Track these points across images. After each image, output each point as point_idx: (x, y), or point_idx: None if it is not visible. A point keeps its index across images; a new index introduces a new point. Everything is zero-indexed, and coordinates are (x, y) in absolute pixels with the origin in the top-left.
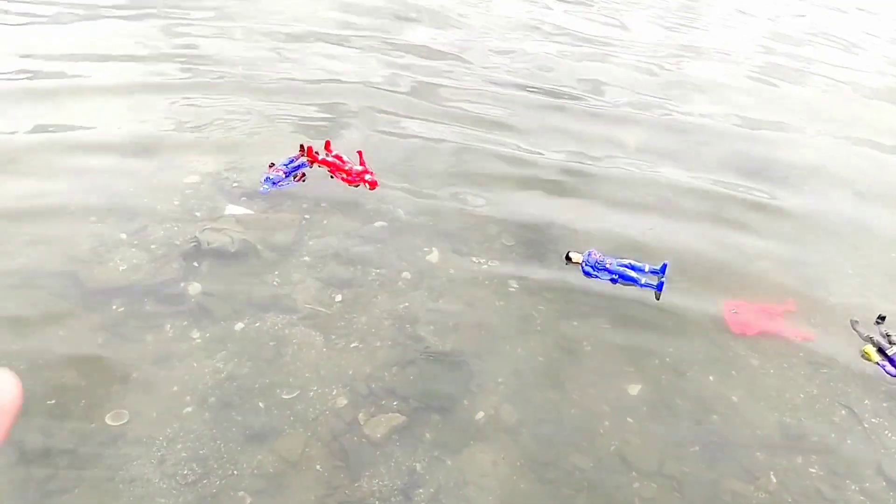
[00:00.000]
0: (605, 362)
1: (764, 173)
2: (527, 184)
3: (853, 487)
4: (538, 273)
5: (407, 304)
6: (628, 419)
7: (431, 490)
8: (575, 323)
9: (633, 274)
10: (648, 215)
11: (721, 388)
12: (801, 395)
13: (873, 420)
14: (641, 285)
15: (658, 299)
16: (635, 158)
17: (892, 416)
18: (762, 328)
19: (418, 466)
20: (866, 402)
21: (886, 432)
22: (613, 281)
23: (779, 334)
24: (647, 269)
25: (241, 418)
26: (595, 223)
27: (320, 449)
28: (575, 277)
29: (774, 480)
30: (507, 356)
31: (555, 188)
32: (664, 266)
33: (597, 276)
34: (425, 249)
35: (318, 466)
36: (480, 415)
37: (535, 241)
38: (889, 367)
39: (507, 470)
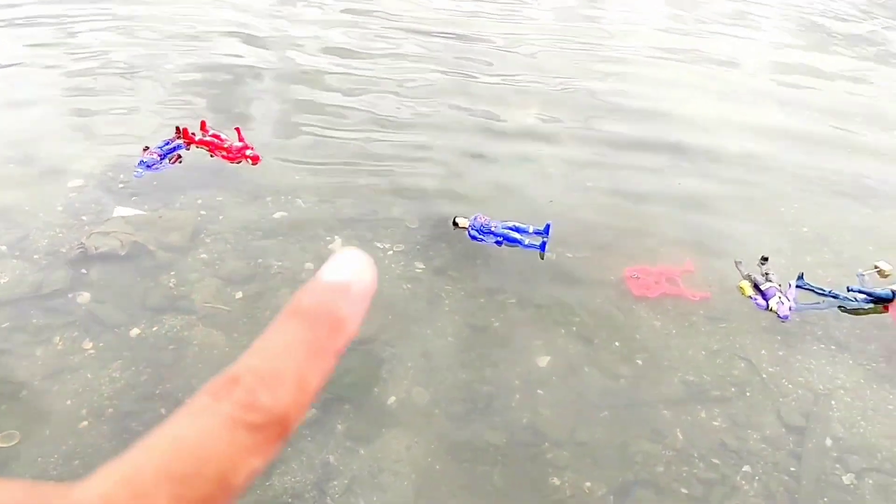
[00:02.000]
0: (514, 337)
1: (661, 138)
2: (430, 161)
3: (755, 436)
4: (444, 253)
5: None
6: (539, 391)
7: (346, 481)
8: (482, 300)
9: (516, 235)
10: (548, 186)
11: (626, 352)
12: (703, 352)
13: (770, 370)
14: (525, 246)
15: (542, 259)
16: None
17: (788, 364)
18: (663, 290)
19: (331, 458)
20: (763, 352)
21: (783, 380)
22: (498, 243)
23: (679, 295)
24: (531, 230)
25: (143, 428)
26: (497, 198)
27: None
28: (482, 255)
29: (681, 437)
30: (416, 339)
31: (456, 167)
32: (548, 226)
33: (483, 240)
34: (328, 238)
35: None
36: (392, 400)
37: (439, 221)
38: (760, 301)
39: (421, 453)
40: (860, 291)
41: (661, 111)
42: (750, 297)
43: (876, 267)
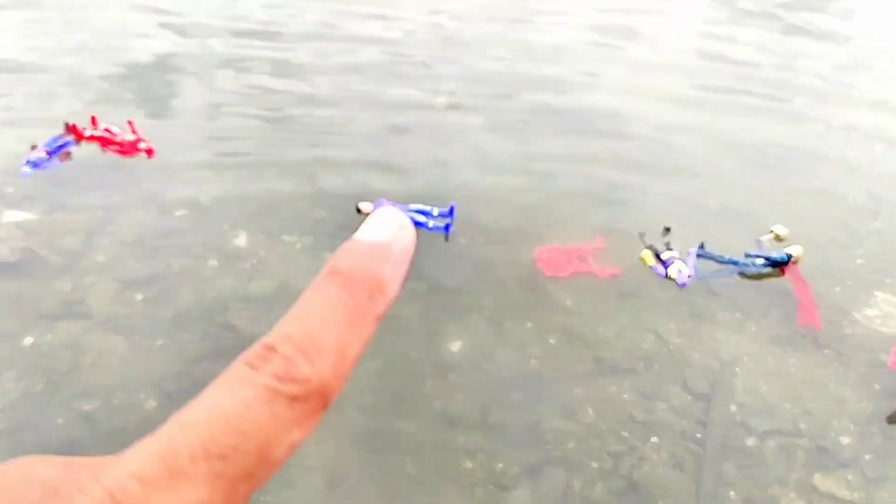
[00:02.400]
0: (426, 324)
1: (573, 116)
2: (337, 151)
3: (662, 407)
4: None
5: (215, 293)
6: (451, 377)
7: None
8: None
9: (421, 218)
10: (460, 169)
11: (538, 332)
12: (613, 328)
13: (678, 341)
14: (430, 228)
15: (447, 241)
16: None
17: (694, 334)
18: (574, 269)
19: None
20: (671, 325)
21: (690, 350)
22: None
23: (589, 273)
24: (435, 213)
25: (39, 439)
26: (407, 184)
27: None
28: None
29: (591, 413)
30: None
31: (365, 155)
32: (452, 207)
33: None
34: (232, 234)
35: None
36: None
37: (348, 210)
38: (660, 269)
39: (331, 447)
40: (758, 256)
41: (574, 87)
42: (651, 266)
43: (772, 231)
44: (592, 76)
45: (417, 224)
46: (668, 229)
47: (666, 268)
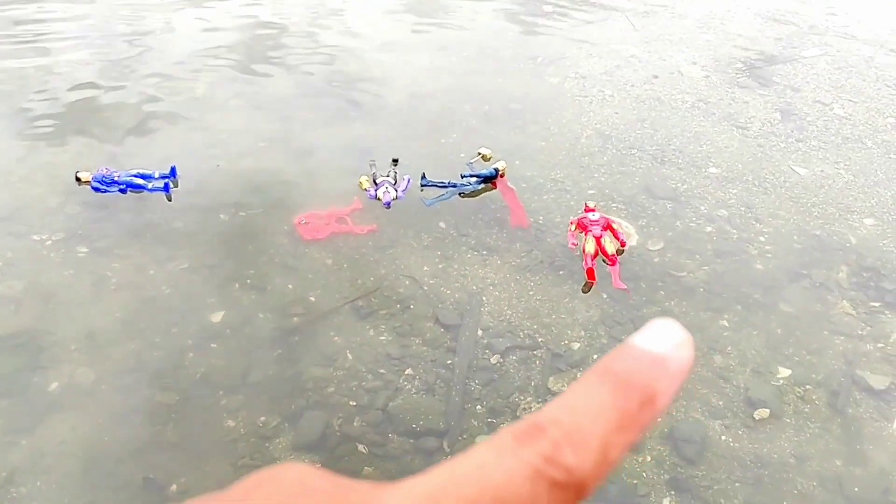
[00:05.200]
0: (187, 300)
1: (331, 90)
2: (85, 141)
3: (417, 342)
4: (109, 233)
5: None
6: (212, 345)
7: (4, 474)
8: (152, 272)
9: (140, 181)
10: (217, 149)
11: (300, 292)
12: (372, 278)
13: (431, 282)
14: (149, 190)
15: (170, 200)
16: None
17: (446, 274)
18: (331, 231)
19: None
20: (425, 268)
21: (442, 289)
22: (122, 191)
23: (348, 232)
24: (157, 175)
25: None
26: (164, 167)
27: None
28: (151, 230)
29: (350, 357)
30: (80, 322)
31: (118, 145)
32: (173, 168)
33: (107, 191)
34: None
35: None
36: (54, 386)
37: (102, 202)
38: (372, 191)
39: (88, 430)
40: (472, 176)
41: (337, 59)
42: (366, 189)
43: (479, 154)
44: (359, 50)
45: (136, 187)
46: (395, 161)
47: (377, 190)
